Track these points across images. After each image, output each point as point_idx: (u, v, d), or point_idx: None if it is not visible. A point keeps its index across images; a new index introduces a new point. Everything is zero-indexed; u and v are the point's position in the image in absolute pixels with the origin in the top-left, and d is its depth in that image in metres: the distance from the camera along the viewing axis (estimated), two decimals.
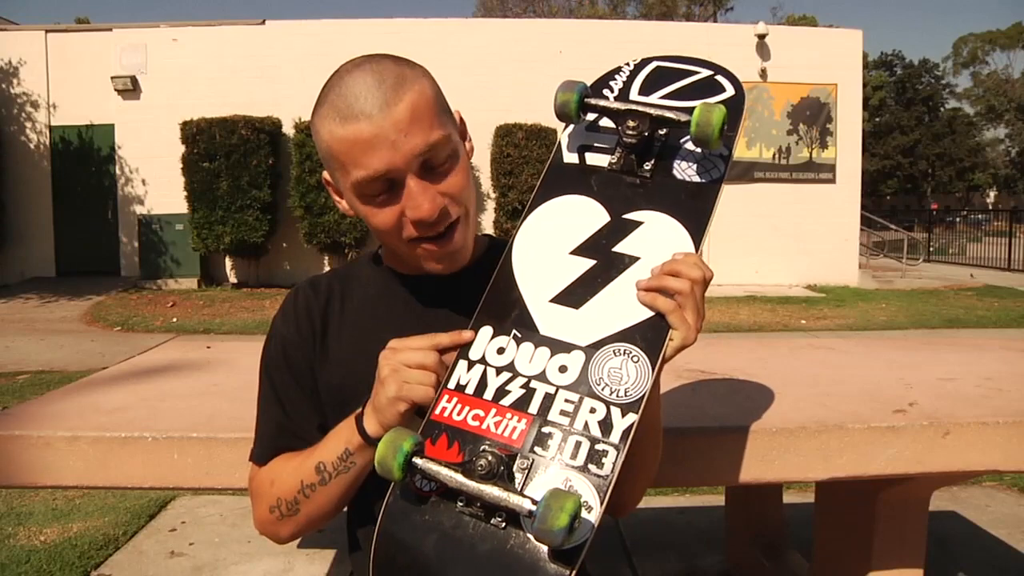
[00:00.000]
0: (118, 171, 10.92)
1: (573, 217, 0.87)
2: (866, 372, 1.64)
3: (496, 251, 0.92)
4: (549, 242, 0.86)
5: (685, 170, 0.86)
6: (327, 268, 10.54)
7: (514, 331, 0.82)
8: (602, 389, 0.76)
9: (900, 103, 41.60)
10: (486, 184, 10.88)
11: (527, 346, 0.81)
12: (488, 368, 0.81)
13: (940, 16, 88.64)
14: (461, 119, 0.91)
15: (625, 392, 0.76)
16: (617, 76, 0.96)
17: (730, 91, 0.89)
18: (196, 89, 10.39)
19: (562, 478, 0.73)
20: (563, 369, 0.78)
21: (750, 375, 1.51)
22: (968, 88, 44.50)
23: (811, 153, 11.63)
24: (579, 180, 0.89)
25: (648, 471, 0.95)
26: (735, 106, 0.87)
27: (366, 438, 0.82)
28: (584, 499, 0.71)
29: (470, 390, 0.80)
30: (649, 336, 0.78)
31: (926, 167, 40.68)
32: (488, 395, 0.79)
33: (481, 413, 0.78)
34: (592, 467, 0.73)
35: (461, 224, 0.86)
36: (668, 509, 2.75)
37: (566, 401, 0.77)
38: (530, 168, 10.10)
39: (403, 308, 0.94)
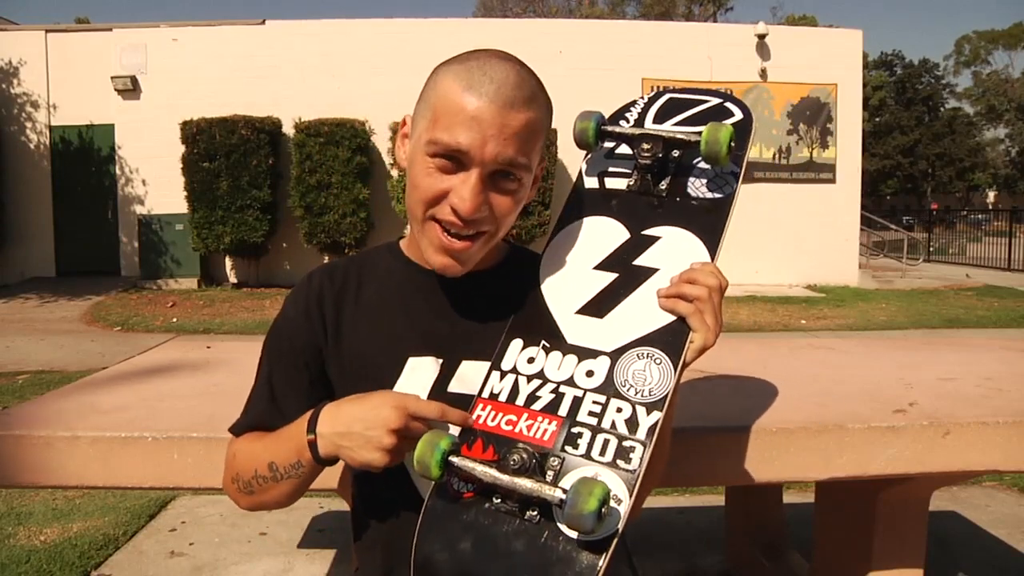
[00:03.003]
0: (118, 171, 10.92)
1: (595, 236, 0.93)
2: (866, 372, 1.64)
3: (516, 257, 0.94)
4: (574, 259, 0.92)
5: (699, 188, 0.92)
6: None
7: (543, 342, 0.87)
8: (627, 390, 0.81)
9: (900, 103, 41.59)
10: None
11: (555, 355, 0.86)
12: (519, 377, 0.86)
13: (940, 16, 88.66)
14: (544, 161, 0.93)
15: (650, 392, 0.80)
16: (632, 108, 1.03)
17: (738, 115, 0.97)
18: (196, 89, 10.38)
19: (592, 472, 0.77)
20: (590, 374, 0.83)
21: (750, 375, 1.51)
22: (968, 88, 44.51)
23: (811, 153, 11.63)
24: (600, 202, 0.95)
25: (654, 475, 0.95)
26: (743, 127, 0.95)
27: (318, 459, 0.83)
28: (613, 492, 0.74)
29: (503, 398, 0.85)
30: (669, 339, 0.82)
31: (926, 167, 40.67)
32: (520, 401, 0.84)
33: (514, 418, 0.83)
34: (621, 462, 0.77)
35: (483, 240, 0.87)
36: (668, 509, 2.75)
37: (594, 403, 0.81)
38: None
39: (422, 301, 0.94)
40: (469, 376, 0.90)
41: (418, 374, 0.90)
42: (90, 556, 2.39)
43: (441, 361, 0.90)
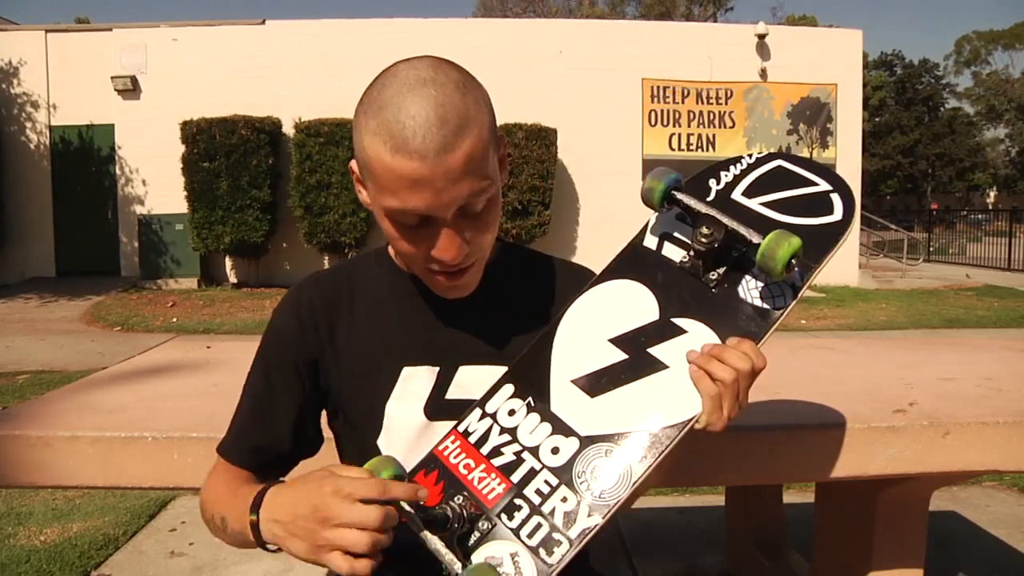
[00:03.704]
0: (118, 171, 10.92)
1: (627, 305, 0.87)
2: (866, 372, 1.64)
3: (508, 255, 0.92)
4: (596, 322, 0.87)
5: (751, 289, 0.83)
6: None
7: (530, 398, 0.84)
8: (580, 483, 0.77)
9: (900, 103, 41.60)
10: None
11: (534, 417, 0.83)
12: (495, 425, 0.84)
13: (940, 16, 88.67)
14: (503, 144, 0.88)
15: (600, 494, 0.76)
16: (732, 167, 0.93)
17: (836, 215, 0.85)
18: (196, 89, 10.38)
19: (512, 550, 0.75)
20: (555, 451, 0.80)
21: None
22: (968, 88, 44.51)
23: (811, 153, 11.62)
24: (647, 268, 0.89)
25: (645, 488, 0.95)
26: (831, 232, 0.83)
27: (262, 545, 0.79)
28: None
29: (472, 439, 0.84)
30: (643, 448, 0.78)
31: (926, 167, 40.67)
32: (484, 450, 0.83)
33: (472, 464, 0.82)
34: (543, 552, 0.75)
35: (476, 266, 0.86)
36: (668, 509, 2.75)
37: (545, 482, 0.78)
38: (530, 168, 10.10)
39: (415, 309, 0.92)
40: (468, 381, 0.89)
41: (413, 384, 0.89)
42: (90, 556, 2.39)
43: (438, 369, 0.89)
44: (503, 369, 0.88)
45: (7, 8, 32.58)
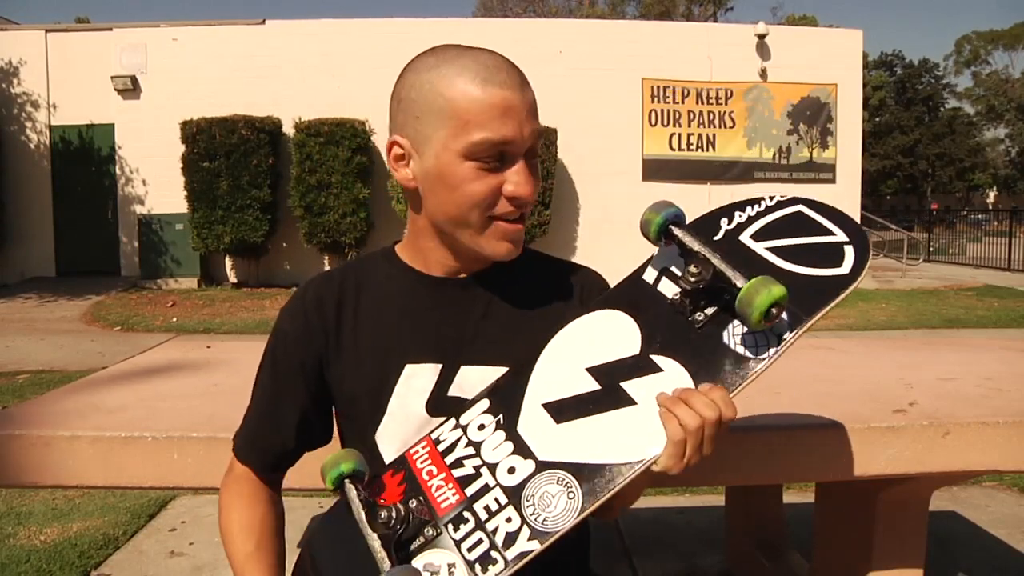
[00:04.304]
0: (118, 171, 10.92)
1: (612, 335, 0.86)
2: (866, 372, 1.64)
3: (515, 257, 0.91)
4: (578, 349, 0.87)
5: (736, 335, 0.80)
6: (327, 268, 10.53)
7: (501, 415, 0.84)
8: (527, 507, 0.77)
9: (900, 103, 41.60)
10: None
11: (500, 435, 0.83)
12: (464, 437, 0.85)
13: (940, 16, 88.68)
14: None
15: (544, 520, 0.76)
16: (750, 208, 0.90)
17: (843, 269, 0.80)
18: (196, 89, 10.39)
19: (451, 560, 0.77)
20: (511, 471, 0.80)
21: None
22: (968, 88, 44.52)
23: (811, 153, 11.63)
24: (640, 301, 0.87)
25: (629, 504, 0.96)
26: (832, 285, 0.79)
27: None
28: None
29: (440, 448, 0.85)
30: (595, 481, 0.76)
31: (926, 167, 40.67)
32: (449, 460, 0.84)
33: (434, 471, 0.83)
34: (478, 567, 0.76)
35: (527, 215, 0.89)
36: (668, 509, 2.75)
37: (495, 500, 0.79)
38: None
39: (422, 307, 0.92)
40: (469, 381, 0.89)
41: (415, 381, 0.89)
42: (90, 556, 2.40)
43: (440, 367, 0.90)
44: (502, 370, 0.89)
45: (7, 8, 32.58)
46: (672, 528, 2.60)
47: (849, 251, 0.82)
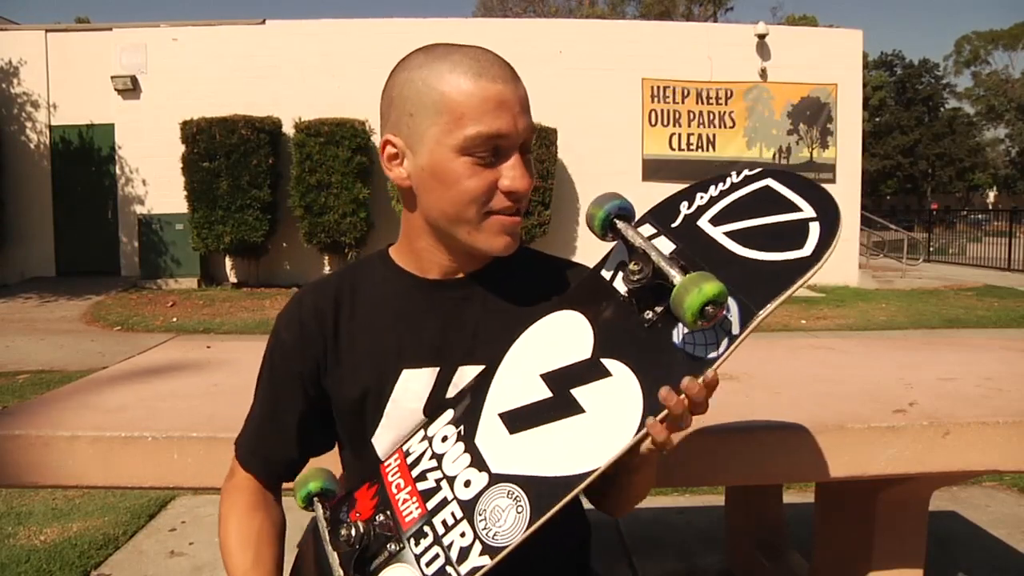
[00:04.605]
0: (118, 171, 10.92)
1: (567, 338, 0.82)
2: (866, 372, 1.64)
3: (510, 255, 0.91)
4: (535, 355, 0.84)
5: (685, 334, 0.74)
6: (327, 268, 10.54)
7: (463, 427, 0.83)
8: (479, 521, 0.76)
9: (900, 103, 41.60)
10: None
11: (459, 446, 0.82)
12: (429, 449, 0.84)
13: (940, 16, 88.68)
14: None
15: (494, 535, 0.75)
16: (714, 186, 0.83)
17: (804, 250, 0.72)
18: (196, 89, 10.39)
19: (412, 575, 0.78)
20: (467, 484, 0.79)
21: (750, 375, 1.51)
22: (968, 88, 44.52)
23: (811, 153, 11.63)
24: (596, 300, 0.83)
25: (638, 499, 0.96)
26: (790, 270, 0.71)
27: None
28: None
29: (409, 460, 0.86)
30: (543, 495, 0.74)
31: (926, 167, 40.68)
32: (415, 472, 0.84)
33: (402, 484, 0.84)
34: None
35: (523, 209, 0.89)
36: (668, 509, 2.75)
37: (452, 514, 0.78)
38: None
39: (418, 310, 0.92)
40: (467, 382, 0.89)
41: (412, 386, 0.89)
42: (90, 556, 2.39)
43: (438, 370, 0.89)
44: None
45: (7, 8, 32.57)
46: (672, 528, 2.60)
47: (814, 228, 0.73)
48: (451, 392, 0.89)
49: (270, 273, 10.72)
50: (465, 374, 0.89)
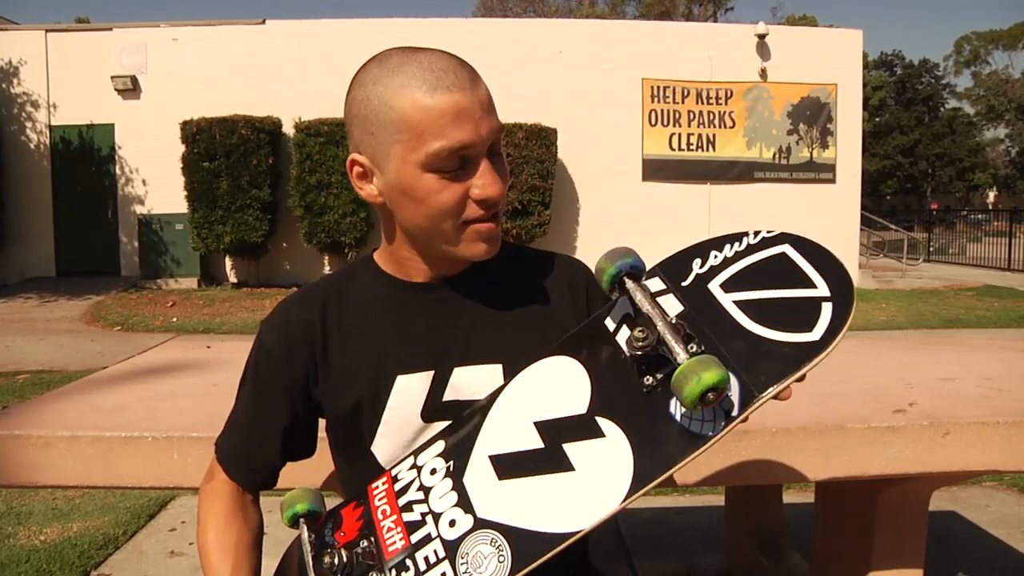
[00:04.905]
0: (118, 171, 10.92)
1: (564, 387, 0.81)
2: (866, 372, 1.64)
3: (500, 253, 0.90)
4: (531, 399, 0.82)
5: (680, 407, 0.72)
6: (327, 268, 10.54)
7: (452, 462, 0.82)
8: (460, 564, 0.75)
9: (900, 103, 41.60)
10: None
11: (448, 483, 0.81)
12: (417, 479, 0.83)
13: (940, 16, 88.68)
14: None
15: None
16: (729, 245, 0.80)
17: (814, 335, 0.70)
18: (196, 89, 10.38)
19: None
20: (452, 524, 0.78)
21: None
22: (968, 88, 44.52)
23: (811, 153, 11.63)
24: (596, 351, 0.81)
25: None
26: (797, 355, 0.69)
27: None
28: None
29: (397, 487, 0.84)
30: (526, 548, 0.73)
31: (926, 167, 40.68)
32: (402, 501, 0.83)
33: (388, 511, 0.83)
34: None
35: (501, 216, 0.88)
36: (668, 509, 2.75)
37: (434, 551, 0.77)
38: (530, 168, 10.09)
39: (407, 315, 0.91)
40: (463, 382, 0.88)
41: (407, 392, 0.89)
42: (90, 556, 2.39)
43: (432, 373, 0.89)
44: (496, 367, 0.88)
45: (7, 8, 32.57)
46: (672, 528, 2.60)
47: (826, 310, 0.71)
48: (448, 395, 0.88)
49: (270, 273, 10.72)
50: (461, 375, 0.89)
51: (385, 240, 0.93)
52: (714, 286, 0.78)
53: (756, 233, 0.80)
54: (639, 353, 0.74)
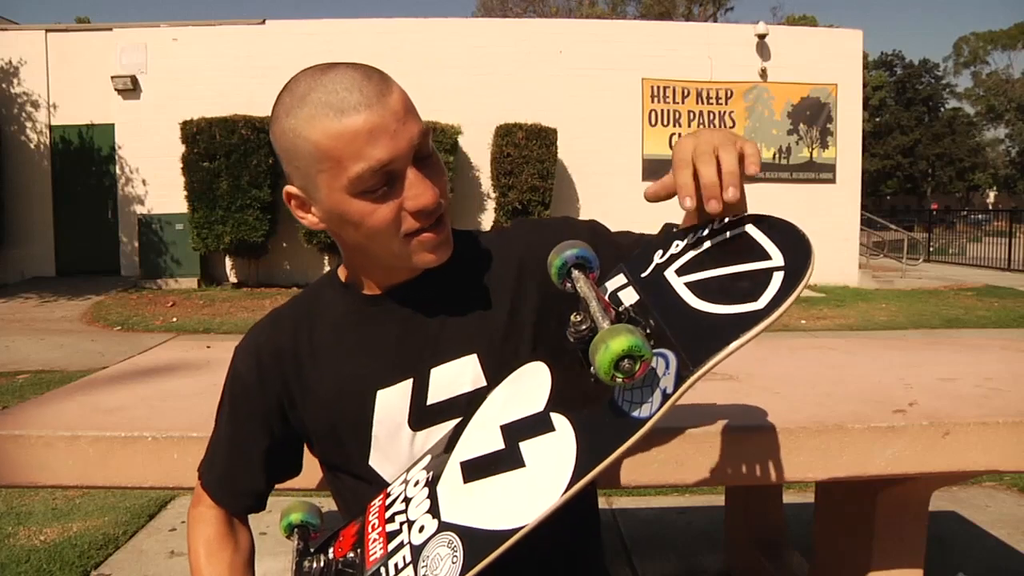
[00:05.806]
0: (118, 171, 10.92)
1: (530, 388, 0.81)
2: (866, 372, 1.64)
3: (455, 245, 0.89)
4: (503, 404, 0.83)
5: (623, 391, 0.70)
6: (327, 268, 10.52)
7: (432, 472, 0.83)
8: (422, 567, 0.75)
9: (900, 103, 41.62)
10: (486, 184, 10.87)
11: (424, 491, 0.82)
12: (404, 491, 0.85)
13: (940, 16, 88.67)
14: None
15: None
16: (692, 234, 0.78)
17: (758, 303, 0.65)
18: (196, 89, 10.38)
19: None
20: (421, 529, 0.78)
21: (750, 375, 1.51)
22: (968, 88, 44.55)
23: (811, 153, 11.63)
24: (561, 350, 0.80)
25: None
26: (735, 324, 0.65)
27: None
28: None
29: (388, 500, 0.86)
30: (477, 547, 0.73)
31: (926, 167, 40.69)
32: (388, 513, 0.84)
33: (376, 523, 0.85)
34: None
35: (446, 214, 0.86)
36: (668, 509, 2.75)
37: (403, 558, 0.78)
38: (530, 168, 10.09)
39: (375, 326, 0.91)
40: (444, 381, 0.88)
41: (392, 404, 0.88)
42: (90, 556, 2.40)
43: (411, 381, 0.88)
44: (471, 357, 0.88)
45: (7, 8, 32.59)
46: (672, 528, 2.60)
47: (776, 279, 0.66)
48: (432, 398, 0.88)
49: (270, 273, 10.71)
50: (439, 375, 0.88)
51: (343, 255, 0.94)
52: (670, 273, 0.76)
53: (721, 220, 0.76)
54: (578, 338, 0.72)
